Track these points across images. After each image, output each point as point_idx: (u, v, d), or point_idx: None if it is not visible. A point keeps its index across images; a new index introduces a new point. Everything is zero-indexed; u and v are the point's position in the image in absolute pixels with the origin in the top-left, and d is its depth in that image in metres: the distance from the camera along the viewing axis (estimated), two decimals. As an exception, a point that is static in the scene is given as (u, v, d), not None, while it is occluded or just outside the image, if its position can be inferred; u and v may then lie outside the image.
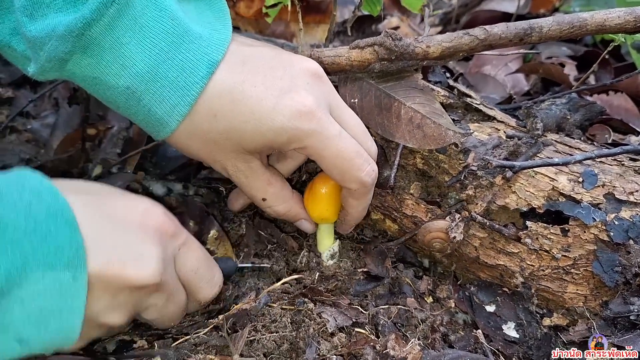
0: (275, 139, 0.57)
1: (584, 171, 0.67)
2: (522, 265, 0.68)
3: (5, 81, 1.02)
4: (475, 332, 0.67)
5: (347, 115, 0.63)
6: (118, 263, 0.47)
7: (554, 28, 0.70)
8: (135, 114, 0.56)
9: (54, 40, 0.50)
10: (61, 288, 0.43)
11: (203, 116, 0.56)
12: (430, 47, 0.69)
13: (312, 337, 0.59)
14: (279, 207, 0.65)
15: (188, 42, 0.54)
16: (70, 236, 0.44)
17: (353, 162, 0.60)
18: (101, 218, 0.48)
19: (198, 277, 0.58)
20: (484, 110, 0.74)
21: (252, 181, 0.62)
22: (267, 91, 0.56)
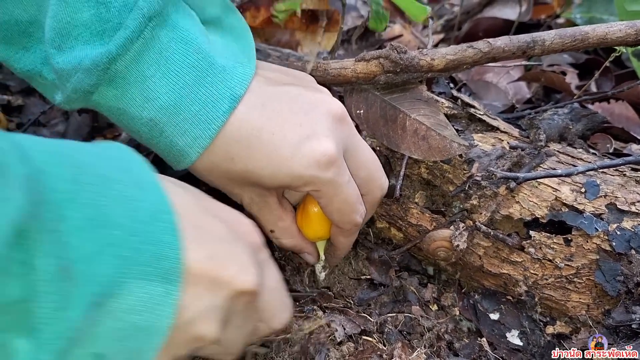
0: (292, 182, 0.57)
1: (586, 182, 0.69)
2: (525, 274, 0.70)
3: (15, 89, 1.03)
4: (479, 340, 0.68)
5: (363, 155, 0.63)
6: (220, 260, 0.43)
7: (556, 41, 0.71)
8: (158, 144, 0.57)
9: (80, 73, 0.51)
10: (153, 302, 0.39)
11: (221, 157, 0.56)
12: (434, 60, 0.70)
13: (322, 345, 0.60)
14: (285, 240, 0.66)
15: (212, 76, 0.55)
16: (171, 244, 0.40)
17: (354, 207, 0.61)
18: (201, 216, 0.45)
19: (274, 300, 0.53)
20: (488, 121, 0.75)
21: (265, 214, 0.63)
22: (285, 139, 0.56)
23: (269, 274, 0.51)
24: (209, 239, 0.44)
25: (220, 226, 0.46)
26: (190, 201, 0.45)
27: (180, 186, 0.47)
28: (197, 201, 0.47)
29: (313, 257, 0.69)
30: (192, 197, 0.47)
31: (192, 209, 0.45)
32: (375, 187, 0.64)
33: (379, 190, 0.64)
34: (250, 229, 0.50)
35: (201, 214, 0.46)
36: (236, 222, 0.49)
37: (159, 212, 0.40)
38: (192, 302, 0.42)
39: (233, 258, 0.45)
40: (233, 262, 0.44)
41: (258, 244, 0.50)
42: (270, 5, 1.06)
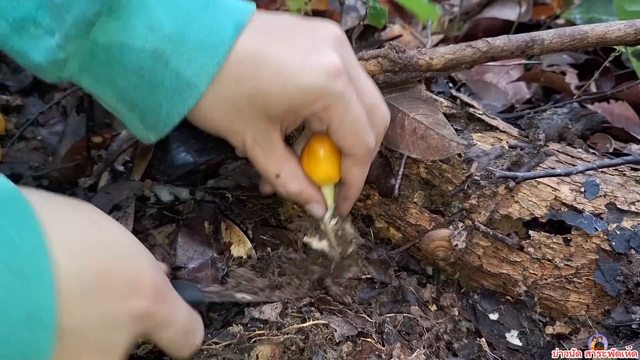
0: (302, 99, 0.55)
1: (585, 181, 0.68)
2: (525, 274, 0.69)
3: (14, 89, 1.03)
4: (478, 340, 0.68)
5: (366, 82, 0.61)
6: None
7: (555, 40, 0.71)
8: (162, 82, 0.55)
9: (82, 2, 0.50)
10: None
11: (227, 82, 0.55)
12: (433, 59, 0.70)
13: (319, 346, 0.60)
14: (292, 185, 0.62)
15: (214, 7, 0.54)
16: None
17: (366, 126, 0.59)
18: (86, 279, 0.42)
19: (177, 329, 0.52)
20: (487, 120, 0.75)
21: (269, 155, 0.60)
22: (292, 52, 0.55)
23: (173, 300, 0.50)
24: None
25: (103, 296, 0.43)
26: (72, 235, 0.43)
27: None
28: (83, 224, 0.45)
29: (321, 206, 0.65)
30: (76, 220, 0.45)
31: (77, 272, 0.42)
32: (380, 117, 0.61)
33: (382, 121, 0.62)
34: (142, 294, 0.46)
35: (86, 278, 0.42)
36: (134, 289, 0.45)
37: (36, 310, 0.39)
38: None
39: (96, 346, 0.43)
40: (92, 351, 0.43)
41: (141, 314, 0.46)
42: (270, 5, 1.06)
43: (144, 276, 0.46)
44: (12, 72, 1.07)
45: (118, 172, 0.84)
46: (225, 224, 0.75)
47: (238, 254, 0.74)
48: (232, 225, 0.75)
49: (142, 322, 0.46)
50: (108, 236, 0.45)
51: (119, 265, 0.44)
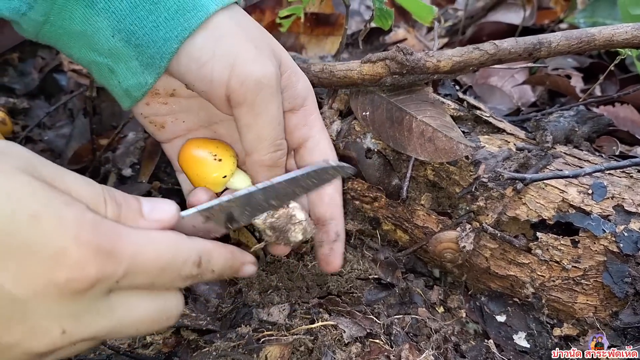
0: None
1: (593, 183, 0.69)
2: (532, 276, 0.69)
3: (20, 92, 1.04)
4: (486, 342, 0.68)
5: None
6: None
7: (562, 43, 0.71)
8: (159, 10, 0.54)
9: None
10: None
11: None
12: (441, 62, 0.70)
13: (328, 347, 0.60)
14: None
15: None
16: None
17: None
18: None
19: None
20: (494, 123, 0.75)
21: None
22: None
23: (93, 321, 0.41)
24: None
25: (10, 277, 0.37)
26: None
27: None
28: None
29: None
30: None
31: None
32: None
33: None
34: (74, 261, 0.38)
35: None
36: (48, 261, 0.37)
37: None
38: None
39: (15, 320, 0.37)
40: (14, 325, 0.37)
41: (80, 287, 0.38)
42: (275, 8, 1.06)
43: (61, 241, 0.37)
44: (18, 75, 1.08)
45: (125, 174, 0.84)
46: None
47: (246, 256, 0.74)
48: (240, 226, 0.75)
49: (87, 290, 0.38)
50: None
51: (17, 234, 0.36)
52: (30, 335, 0.38)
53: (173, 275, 0.44)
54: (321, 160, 0.58)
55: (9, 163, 0.39)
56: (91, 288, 0.38)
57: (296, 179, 0.56)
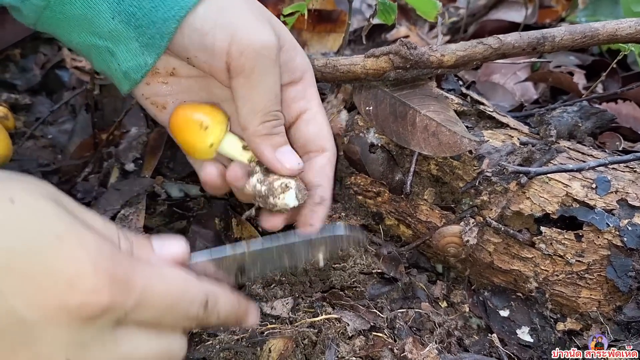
0: None
1: (597, 177, 0.68)
2: (536, 270, 0.69)
3: (22, 88, 1.04)
4: (490, 336, 0.68)
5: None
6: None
7: (566, 37, 0.71)
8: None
9: None
10: None
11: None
12: (444, 56, 0.70)
13: (332, 340, 0.60)
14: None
15: None
16: None
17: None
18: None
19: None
20: (497, 118, 0.75)
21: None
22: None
23: (97, 353, 0.40)
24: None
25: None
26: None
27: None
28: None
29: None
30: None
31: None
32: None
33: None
34: (89, 287, 0.37)
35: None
36: (65, 285, 0.37)
37: None
38: None
39: (20, 346, 0.36)
40: (19, 352, 0.36)
41: (91, 314, 0.37)
42: (278, 4, 1.06)
43: (80, 265, 0.37)
44: (20, 71, 1.08)
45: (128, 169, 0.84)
46: (236, 220, 0.75)
47: (249, 250, 0.74)
48: (243, 221, 0.75)
49: (98, 317, 0.38)
50: (25, 215, 0.37)
51: (39, 253, 0.36)
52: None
53: (180, 313, 0.43)
54: (339, 226, 0.61)
55: (35, 189, 0.39)
56: (101, 316, 0.38)
57: (311, 241, 0.58)
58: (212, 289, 0.47)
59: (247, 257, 0.54)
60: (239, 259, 0.53)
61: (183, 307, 0.43)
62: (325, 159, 0.63)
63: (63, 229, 0.37)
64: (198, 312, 0.45)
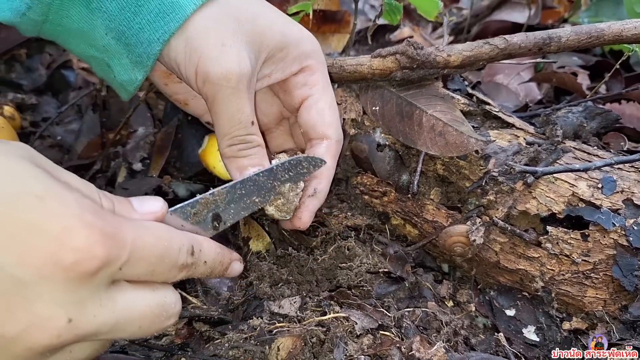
0: (299, 38, 0.64)
1: (603, 177, 0.69)
2: (542, 270, 0.70)
3: (28, 88, 1.04)
4: (496, 335, 0.68)
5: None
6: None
7: (572, 38, 0.71)
8: (147, 2, 0.56)
9: None
10: None
11: (220, 5, 0.58)
12: (451, 56, 0.71)
13: (340, 339, 0.60)
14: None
15: None
16: None
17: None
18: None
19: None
20: (503, 118, 0.75)
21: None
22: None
23: (97, 311, 0.40)
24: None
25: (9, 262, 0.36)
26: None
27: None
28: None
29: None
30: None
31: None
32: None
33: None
34: (81, 243, 0.37)
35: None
36: (54, 241, 0.37)
37: None
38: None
39: (17, 306, 0.36)
40: (16, 313, 0.36)
41: (87, 270, 0.37)
42: (283, 4, 1.06)
43: (66, 221, 0.37)
44: (25, 71, 1.08)
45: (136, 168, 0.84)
46: (243, 220, 0.75)
47: (257, 249, 0.74)
48: (250, 220, 0.75)
49: (94, 273, 0.38)
50: (2, 176, 0.37)
51: (21, 213, 0.36)
52: (34, 325, 0.36)
53: (170, 263, 0.44)
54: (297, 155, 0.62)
55: (11, 150, 0.39)
56: (97, 272, 0.38)
57: (272, 170, 0.59)
58: (195, 237, 0.48)
59: (217, 199, 0.55)
60: (210, 202, 0.54)
61: (172, 256, 0.44)
62: (324, 148, 0.63)
63: (42, 189, 0.37)
64: (187, 260, 0.46)
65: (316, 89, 0.64)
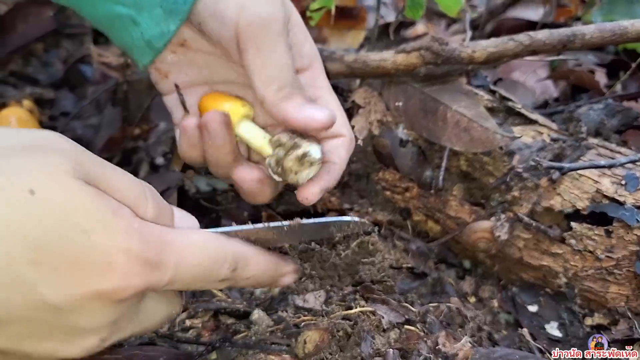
0: None
1: (626, 174, 0.69)
2: (565, 266, 0.70)
3: (45, 82, 1.04)
4: (520, 330, 0.68)
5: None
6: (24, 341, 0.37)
7: (595, 35, 0.72)
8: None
9: None
10: None
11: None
12: (475, 52, 0.71)
13: (367, 332, 0.60)
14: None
15: None
16: None
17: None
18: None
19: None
20: (526, 114, 0.75)
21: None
22: None
23: (126, 326, 0.41)
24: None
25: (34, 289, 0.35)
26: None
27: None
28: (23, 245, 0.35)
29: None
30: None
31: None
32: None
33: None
34: (122, 273, 0.37)
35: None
36: (97, 276, 0.37)
37: None
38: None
39: (56, 331, 0.37)
40: (54, 335, 0.37)
41: (123, 298, 0.38)
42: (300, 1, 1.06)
43: (111, 257, 0.37)
44: (42, 65, 1.08)
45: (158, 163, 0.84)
46: (266, 214, 0.76)
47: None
48: (273, 214, 0.75)
49: (130, 299, 0.39)
50: (46, 208, 0.36)
51: (66, 248, 0.36)
52: (68, 344, 0.38)
53: (211, 279, 0.44)
54: (348, 217, 0.59)
55: (57, 165, 0.37)
56: (133, 297, 0.39)
57: (318, 224, 0.56)
58: (243, 251, 0.47)
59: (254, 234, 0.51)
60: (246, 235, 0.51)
61: (213, 275, 0.44)
62: (340, 141, 0.62)
63: (90, 222, 0.37)
64: (225, 276, 0.45)
65: (324, 91, 0.63)
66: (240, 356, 0.60)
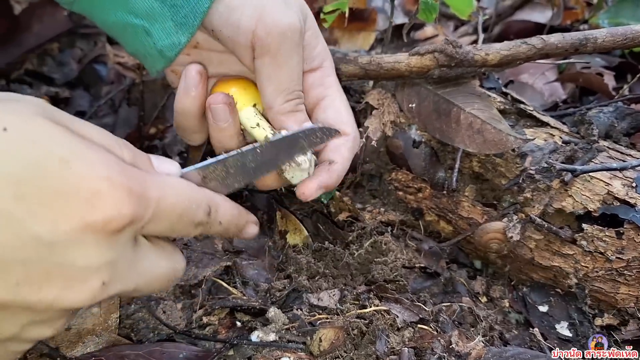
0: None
1: (636, 176, 0.70)
2: (576, 267, 0.71)
3: (60, 82, 1.05)
4: (531, 330, 0.69)
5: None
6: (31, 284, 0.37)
7: (608, 39, 0.73)
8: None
9: None
10: None
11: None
12: (489, 55, 0.72)
13: (382, 331, 0.61)
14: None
15: None
16: None
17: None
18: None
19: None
20: (538, 117, 0.76)
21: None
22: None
23: (125, 272, 0.41)
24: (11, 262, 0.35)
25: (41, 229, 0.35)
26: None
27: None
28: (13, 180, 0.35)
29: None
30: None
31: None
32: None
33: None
34: (110, 203, 0.37)
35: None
36: (84, 206, 0.36)
37: None
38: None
39: (54, 272, 0.37)
40: (53, 278, 0.37)
41: (115, 229, 0.38)
42: (313, 2, 1.07)
43: (94, 183, 0.37)
44: (57, 65, 1.09)
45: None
46: (280, 213, 0.77)
47: (294, 242, 0.75)
48: (288, 214, 0.76)
49: (121, 232, 0.38)
50: (22, 143, 0.35)
51: (47, 178, 0.35)
52: (69, 289, 0.37)
53: (188, 222, 0.44)
54: (313, 124, 0.60)
55: (27, 108, 0.38)
56: (124, 230, 0.38)
57: (284, 138, 0.57)
58: (213, 196, 0.48)
59: (228, 163, 0.52)
60: (222, 164, 0.52)
61: (190, 215, 0.45)
62: (342, 140, 0.62)
63: (65, 151, 0.36)
64: (202, 218, 0.46)
65: (332, 90, 0.64)
66: (257, 353, 0.61)
